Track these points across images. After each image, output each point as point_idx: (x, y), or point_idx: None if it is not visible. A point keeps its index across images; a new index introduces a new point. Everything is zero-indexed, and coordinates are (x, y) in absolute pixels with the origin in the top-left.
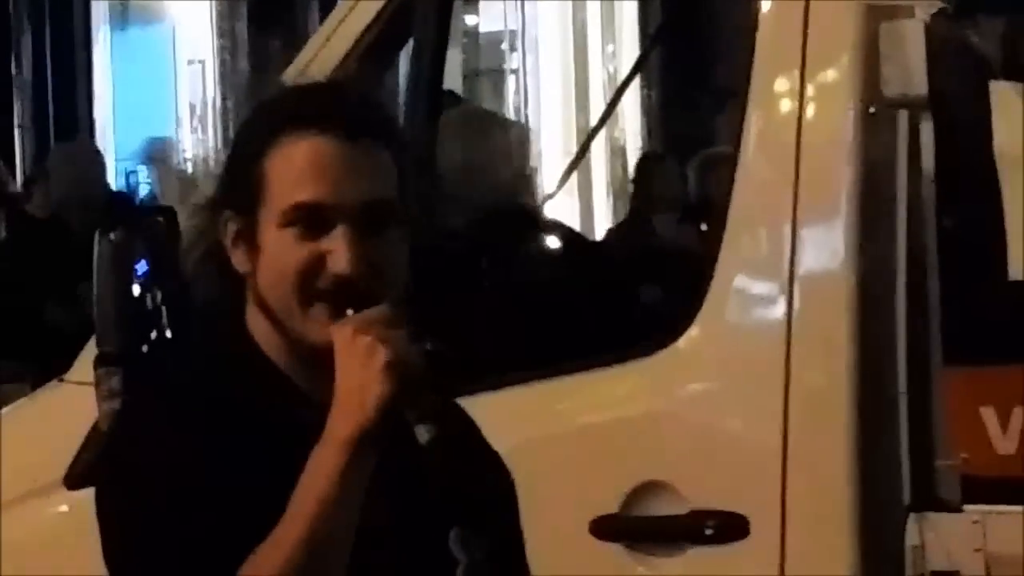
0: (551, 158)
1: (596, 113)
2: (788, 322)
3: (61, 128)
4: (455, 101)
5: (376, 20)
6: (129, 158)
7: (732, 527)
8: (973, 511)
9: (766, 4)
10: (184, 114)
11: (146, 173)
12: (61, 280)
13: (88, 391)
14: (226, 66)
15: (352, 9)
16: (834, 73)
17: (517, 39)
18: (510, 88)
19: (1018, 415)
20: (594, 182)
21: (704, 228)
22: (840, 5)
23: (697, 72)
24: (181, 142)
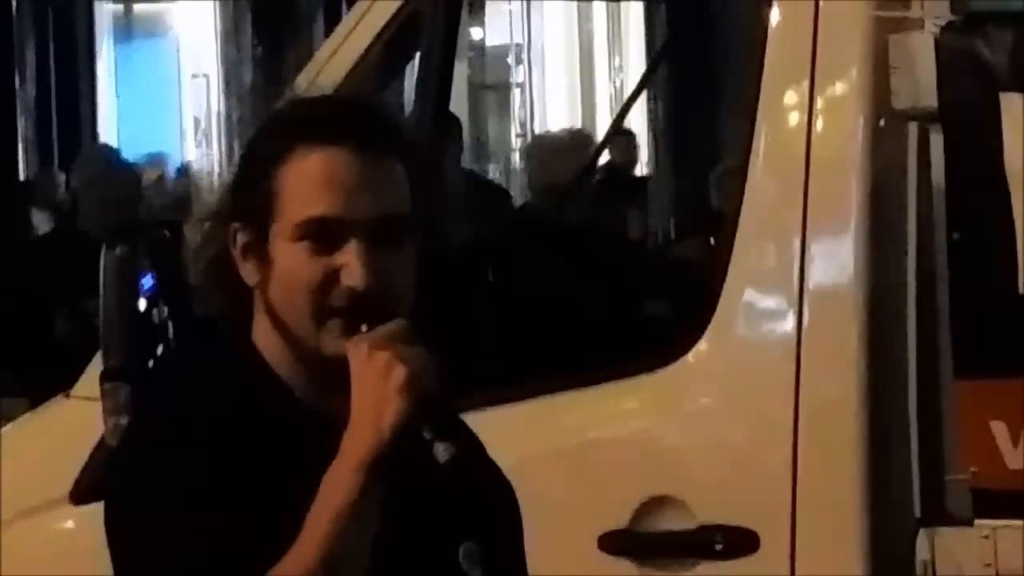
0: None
1: (602, 127)
2: (798, 336)
3: (64, 142)
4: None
5: (384, 31)
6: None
7: (742, 542)
8: (983, 525)
9: (775, 17)
10: (188, 127)
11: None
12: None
13: (94, 406)
14: (230, 80)
15: (360, 21)
16: (843, 86)
17: (523, 52)
18: (515, 102)
19: None
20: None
21: (713, 242)
22: (849, 18)
23: (705, 85)
24: (185, 155)
